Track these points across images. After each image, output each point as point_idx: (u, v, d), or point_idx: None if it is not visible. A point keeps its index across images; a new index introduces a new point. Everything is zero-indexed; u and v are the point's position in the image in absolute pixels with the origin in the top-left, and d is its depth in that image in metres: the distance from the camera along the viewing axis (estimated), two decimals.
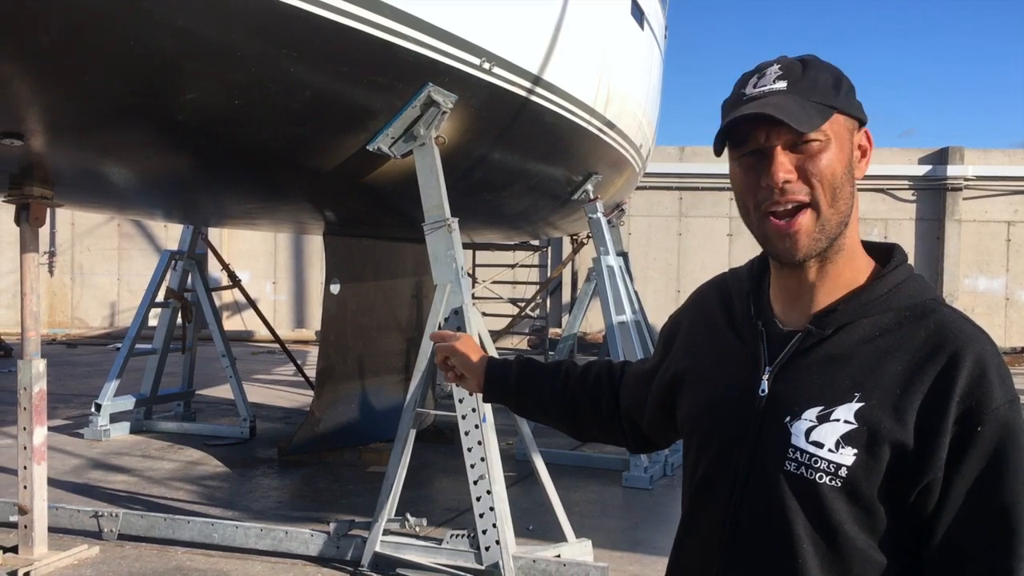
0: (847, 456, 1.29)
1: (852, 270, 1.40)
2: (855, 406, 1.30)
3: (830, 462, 1.30)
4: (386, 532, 5.21)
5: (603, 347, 11.67)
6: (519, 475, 7.24)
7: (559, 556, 5.04)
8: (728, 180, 1.46)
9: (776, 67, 1.38)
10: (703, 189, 20.34)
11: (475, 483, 4.90)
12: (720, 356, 1.49)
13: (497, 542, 4.83)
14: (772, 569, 1.35)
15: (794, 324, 1.42)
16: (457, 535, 5.02)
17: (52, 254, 21.64)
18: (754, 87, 1.37)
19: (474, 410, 4.97)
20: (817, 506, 1.31)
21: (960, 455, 1.26)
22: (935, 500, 1.28)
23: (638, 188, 14.07)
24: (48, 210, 5.52)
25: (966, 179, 19.79)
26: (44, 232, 19.83)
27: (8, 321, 18.19)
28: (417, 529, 5.39)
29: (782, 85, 1.35)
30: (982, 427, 1.26)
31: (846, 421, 1.30)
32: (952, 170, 19.75)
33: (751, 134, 1.34)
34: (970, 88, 56.80)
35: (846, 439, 1.29)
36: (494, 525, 4.84)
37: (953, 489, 1.27)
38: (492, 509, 4.85)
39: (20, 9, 3.25)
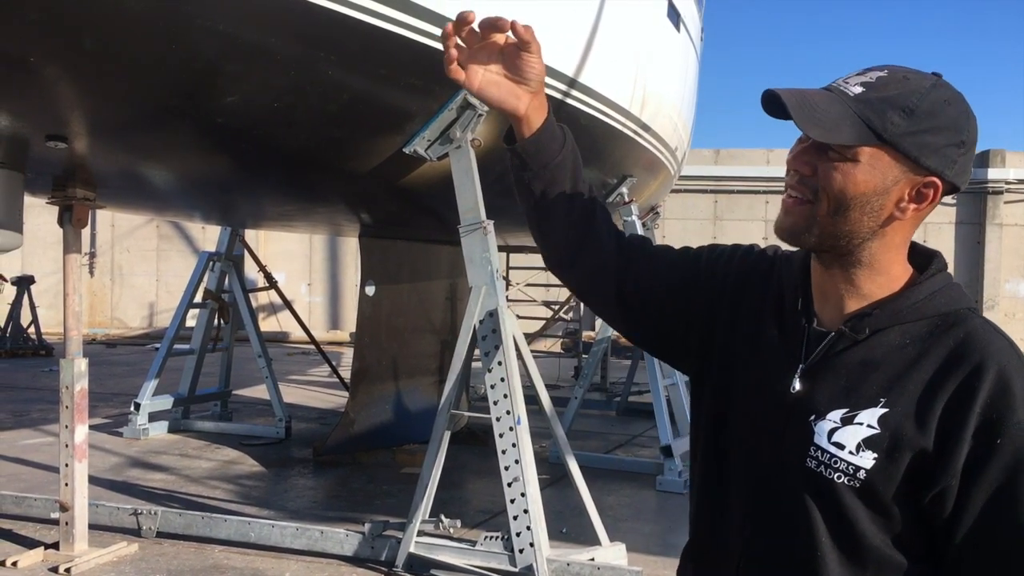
0: (867, 460, 1.30)
1: (876, 285, 1.39)
2: (879, 411, 1.31)
3: (849, 463, 1.31)
4: (420, 533, 5.23)
5: (636, 350, 11.64)
6: (553, 478, 7.23)
7: (593, 559, 5.02)
8: (763, 183, 1.46)
9: (878, 75, 1.33)
10: (738, 192, 20.22)
11: (509, 485, 4.90)
12: (761, 347, 1.48)
13: (531, 544, 4.82)
14: (792, 562, 1.38)
15: (828, 324, 1.42)
16: (491, 537, 5.03)
17: (92, 255, 21.98)
18: (843, 80, 1.35)
19: (508, 412, 4.97)
20: (834, 504, 1.33)
21: (978, 467, 1.26)
22: (949, 508, 1.28)
23: (673, 191, 14.02)
24: (90, 212, 5.61)
25: (1007, 182, 19.48)
26: (85, 233, 20.11)
27: (49, 321, 18.49)
28: (451, 530, 5.39)
29: (857, 91, 1.31)
30: (1001, 439, 1.25)
31: (869, 425, 1.31)
32: (993, 173, 19.45)
33: None
34: (1013, 90, 55.90)
35: (867, 443, 1.31)
36: (528, 527, 4.83)
37: (969, 501, 1.27)
38: (526, 511, 4.85)
39: (63, 13, 3.31)
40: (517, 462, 4.89)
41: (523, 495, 4.86)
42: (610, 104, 6.49)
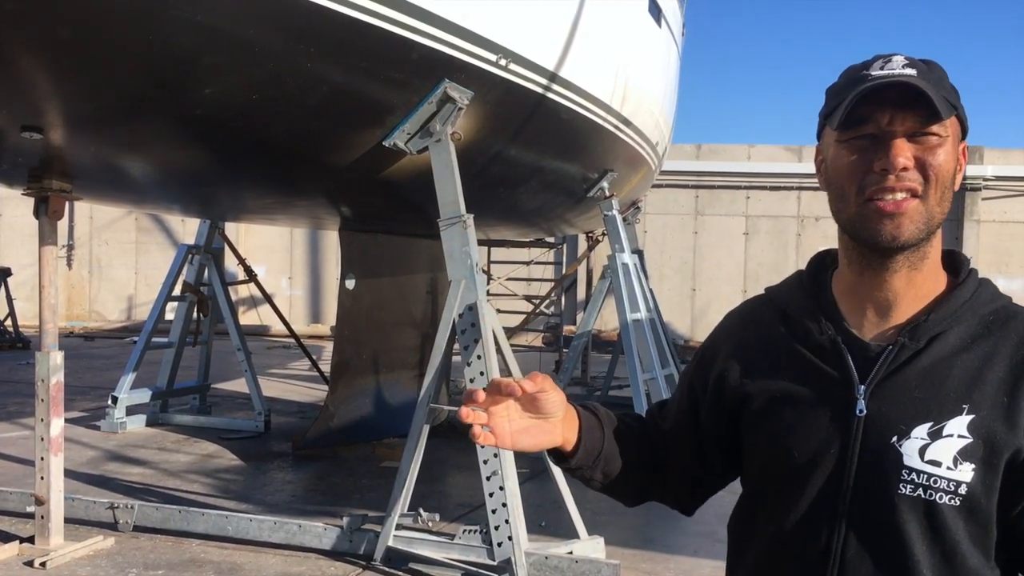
0: (966, 472, 1.24)
1: (933, 281, 1.36)
2: (966, 419, 1.25)
3: (950, 480, 1.25)
4: (399, 527, 5.23)
5: (617, 345, 11.67)
6: (532, 471, 7.23)
7: (571, 553, 5.04)
8: (744, 179, 1.41)
9: (901, 57, 1.32)
10: (720, 187, 20.27)
11: (488, 479, 4.91)
12: (797, 378, 1.39)
13: (509, 538, 4.83)
14: None
15: (878, 338, 1.36)
16: (470, 531, 5.03)
17: (70, 247, 21.78)
18: (881, 69, 1.30)
19: None
20: (936, 527, 1.26)
21: None
22: None
23: (654, 186, 14.05)
24: (67, 203, 5.56)
25: (985, 179, 19.64)
26: (63, 225, 19.96)
27: (27, 313, 18.30)
28: (430, 524, 5.40)
29: (912, 72, 1.29)
30: None
31: (960, 435, 1.25)
32: (971, 170, 19.57)
33: (871, 116, 1.28)
34: (989, 89, 56.41)
35: (963, 454, 1.25)
36: (507, 521, 4.84)
37: None
38: (505, 505, 4.86)
39: (41, 3, 3.27)
40: (496, 456, 4.90)
41: (502, 489, 4.86)
42: (591, 98, 6.50)
